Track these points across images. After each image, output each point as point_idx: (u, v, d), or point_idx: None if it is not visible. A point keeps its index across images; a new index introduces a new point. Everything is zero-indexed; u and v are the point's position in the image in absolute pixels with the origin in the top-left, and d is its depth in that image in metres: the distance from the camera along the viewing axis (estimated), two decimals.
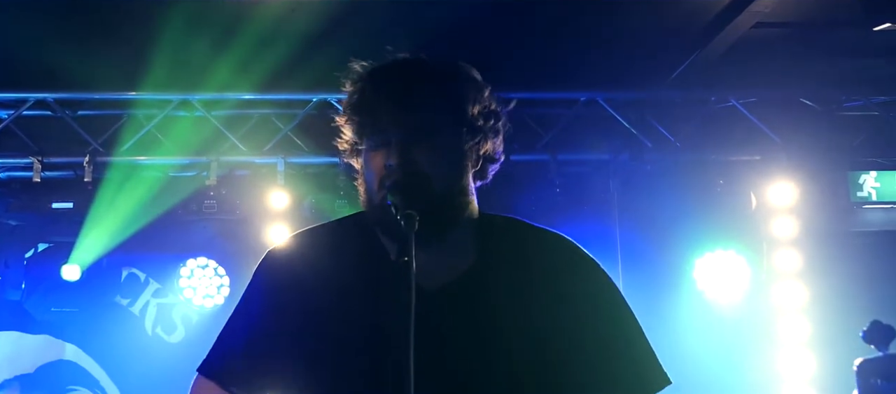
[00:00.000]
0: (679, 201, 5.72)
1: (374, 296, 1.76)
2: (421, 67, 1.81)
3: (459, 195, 1.78)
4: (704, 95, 5.93)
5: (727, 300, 5.91)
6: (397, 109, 1.73)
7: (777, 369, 5.90)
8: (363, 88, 1.78)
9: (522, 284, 1.81)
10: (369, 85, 1.77)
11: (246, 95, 5.66)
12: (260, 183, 5.78)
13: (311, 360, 1.80)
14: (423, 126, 1.73)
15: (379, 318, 1.73)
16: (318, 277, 1.83)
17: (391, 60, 1.82)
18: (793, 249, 5.92)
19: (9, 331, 6.01)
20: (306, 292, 1.83)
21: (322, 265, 1.84)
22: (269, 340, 1.84)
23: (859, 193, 5.94)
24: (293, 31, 4.98)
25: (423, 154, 1.73)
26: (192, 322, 6.10)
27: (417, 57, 1.82)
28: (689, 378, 5.47)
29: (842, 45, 5.56)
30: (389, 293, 1.65)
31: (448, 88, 1.80)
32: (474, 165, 1.82)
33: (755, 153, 5.95)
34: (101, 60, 5.23)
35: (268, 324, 1.85)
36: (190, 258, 5.80)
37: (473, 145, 1.80)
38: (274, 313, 1.85)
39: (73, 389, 6.05)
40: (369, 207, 1.78)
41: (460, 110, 1.79)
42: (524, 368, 1.77)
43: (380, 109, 1.73)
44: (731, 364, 5.89)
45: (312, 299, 1.82)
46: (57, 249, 5.62)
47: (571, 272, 1.85)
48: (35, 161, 5.64)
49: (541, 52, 5.46)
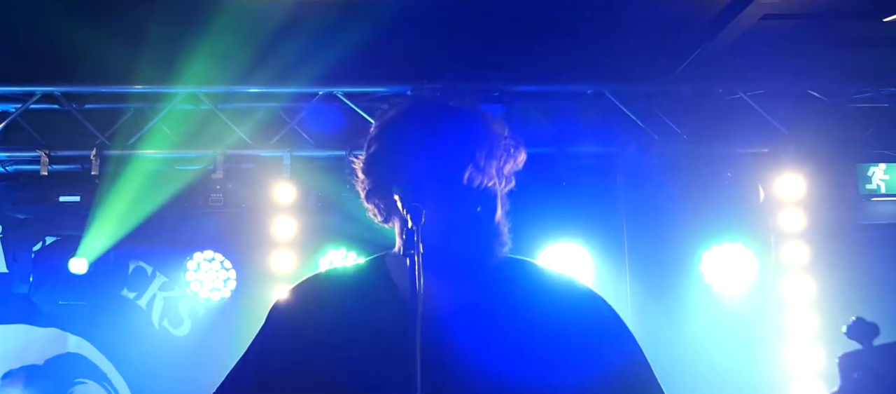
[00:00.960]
0: (686, 194, 5.70)
1: (383, 327, 1.77)
2: (462, 108, 1.87)
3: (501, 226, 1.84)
4: (712, 88, 5.91)
5: (734, 293, 5.88)
6: (449, 139, 1.80)
7: (785, 362, 5.88)
8: (406, 124, 1.85)
9: (531, 313, 1.81)
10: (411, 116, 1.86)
11: (252, 89, 5.66)
12: (266, 176, 5.78)
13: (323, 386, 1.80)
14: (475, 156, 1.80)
15: (385, 346, 1.74)
16: (329, 318, 1.85)
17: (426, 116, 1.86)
18: (801, 241, 5.89)
19: (17, 324, 6.03)
20: (317, 332, 1.84)
21: (334, 304, 1.87)
22: (277, 374, 1.86)
23: (868, 186, 5.90)
24: (300, 24, 4.97)
25: None
26: (199, 316, 6.11)
27: None
28: (697, 371, 5.46)
29: (851, 37, 5.53)
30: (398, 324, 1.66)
31: (487, 126, 1.86)
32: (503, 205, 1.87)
33: (763, 146, 5.92)
34: (108, 54, 5.23)
35: (277, 359, 1.86)
36: (196, 252, 5.80)
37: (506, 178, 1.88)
38: (283, 349, 1.87)
39: (81, 381, 6.07)
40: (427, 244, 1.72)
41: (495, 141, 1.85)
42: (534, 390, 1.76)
43: (431, 143, 1.81)
44: (739, 357, 5.87)
45: (323, 338, 1.83)
46: (64, 243, 5.63)
47: (581, 306, 1.85)
48: (42, 154, 5.66)
49: (547, 44, 5.44)
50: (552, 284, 1.90)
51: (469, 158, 1.78)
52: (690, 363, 5.42)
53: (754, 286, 5.88)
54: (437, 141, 1.80)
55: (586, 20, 5.17)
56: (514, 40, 5.42)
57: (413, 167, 1.80)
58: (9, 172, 5.93)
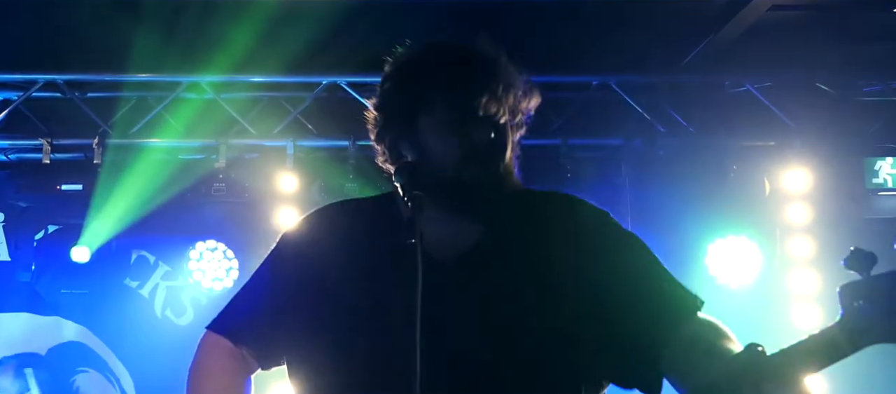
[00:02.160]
0: (692, 187, 5.67)
1: (388, 268, 1.76)
2: (487, 49, 1.90)
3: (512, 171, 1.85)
4: (719, 80, 5.87)
5: (739, 287, 5.86)
6: (478, 70, 1.82)
7: None
8: (431, 53, 1.88)
9: (537, 243, 1.83)
10: (437, 49, 1.89)
11: (256, 78, 5.64)
12: (269, 166, 5.77)
13: (320, 326, 1.81)
14: (504, 91, 1.83)
15: (391, 289, 1.72)
16: (334, 248, 1.86)
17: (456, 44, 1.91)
18: (806, 235, 5.86)
19: (20, 312, 6.03)
20: (321, 262, 1.85)
21: (339, 238, 1.87)
22: (281, 303, 1.86)
23: (875, 180, 5.87)
24: (304, 13, 4.94)
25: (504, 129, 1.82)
26: (202, 305, 6.10)
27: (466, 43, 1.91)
28: None
29: (860, 29, 5.48)
30: (403, 265, 1.64)
31: (510, 71, 1.89)
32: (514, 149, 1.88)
33: (769, 139, 5.89)
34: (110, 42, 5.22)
35: (281, 290, 1.88)
36: (199, 241, 5.79)
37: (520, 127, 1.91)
38: (288, 281, 1.88)
39: (83, 370, 6.07)
40: (440, 183, 1.78)
41: (515, 91, 1.89)
42: (546, 327, 1.76)
43: (459, 71, 1.82)
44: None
45: (327, 269, 1.84)
46: (66, 231, 5.62)
47: (584, 224, 1.86)
48: (44, 143, 5.65)
49: (552, 35, 5.41)
50: (551, 205, 1.93)
51: (485, 87, 1.79)
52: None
53: (759, 280, 5.85)
54: (453, 72, 1.82)
55: (592, 11, 5.13)
56: (519, 31, 5.39)
57: (428, 97, 1.80)
58: (11, 161, 5.93)
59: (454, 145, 1.77)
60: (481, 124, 1.78)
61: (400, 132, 1.84)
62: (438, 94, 1.80)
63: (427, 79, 1.83)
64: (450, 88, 1.80)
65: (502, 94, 1.81)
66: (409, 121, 1.82)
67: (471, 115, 1.77)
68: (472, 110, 1.77)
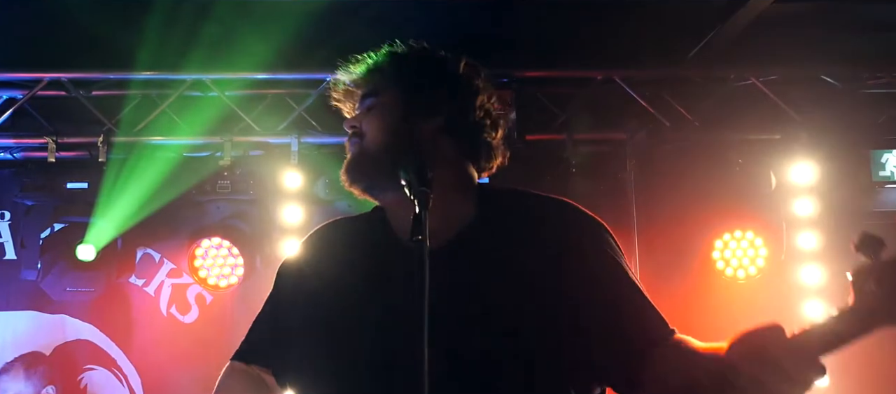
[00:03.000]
0: (697, 181, 5.65)
1: (380, 273, 1.84)
2: (371, 59, 2.03)
3: (400, 148, 1.85)
4: (724, 73, 5.85)
5: (745, 281, 5.84)
6: (349, 88, 2.02)
7: None
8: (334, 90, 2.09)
9: (520, 240, 1.87)
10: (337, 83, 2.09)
11: (260, 75, 5.64)
12: (274, 163, 5.77)
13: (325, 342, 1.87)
14: (368, 93, 1.97)
15: (387, 294, 1.78)
16: (331, 264, 1.95)
17: None
18: (813, 229, 5.84)
19: (26, 311, 6.05)
20: (319, 278, 1.94)
21: (336, 255, 1.96)
22: (283, 323, 1.97)
23: (881, 173, 5.84)
24: (308, 8, 4.94)
25: (366, 119, 1.94)
26: (207, 302, 6.11)
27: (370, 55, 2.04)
28: None
29: (865, 21, 5.46)
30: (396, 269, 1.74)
31: (392, 64, 1.99)
32: (434, 133, 1.91)
33: (775, 132, 5.86)
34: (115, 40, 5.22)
35: (282, 311, 2.00)
36: (204, 239, 5.79)
37: (420, 110, 1.91)
38: (287, 301, 1.99)
39: (90, 368, 6.08)
40: None
41: (403, 78, 1.96)
42: (522, 322, 1.78)
43: (342, 97, 2.06)
44: None
45: (323, 284, 1.92)
46: (72, 230, 5.62)
47: (570, 229, 1.87)
48: (49, 141, 5.65)
49: (556, 29, 5.40)
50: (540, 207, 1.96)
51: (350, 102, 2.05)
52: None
53: (765, 274, 5.83)
54: None
55: (596, 5, 5.12)
56: (524, 26, 5.38)
57: None
58: (16, 159, 5.93)
59: None
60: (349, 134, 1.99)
61: None
62: None
63: None
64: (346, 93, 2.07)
65: (363, 103, 1.98)
66: None
67: None
68: None
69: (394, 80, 1.95)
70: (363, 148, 1.90)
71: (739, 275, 5.83)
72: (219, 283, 5.81)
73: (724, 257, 5.84)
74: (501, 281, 1.79)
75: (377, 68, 1.98)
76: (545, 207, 1.94)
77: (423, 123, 1.90)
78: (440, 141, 1.90)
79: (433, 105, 1.92)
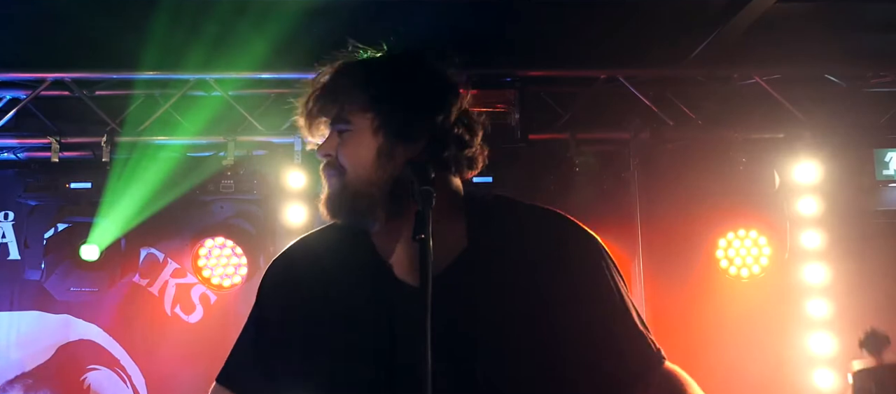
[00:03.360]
0: (701, 180, 5.65)
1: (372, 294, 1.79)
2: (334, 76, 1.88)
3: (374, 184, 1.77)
4: (727, 72, 5.84)
5: (749, 280, 5.84)
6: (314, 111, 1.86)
7: (799, 349, 5.84)
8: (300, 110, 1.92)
9: (514, 264, 1.81)
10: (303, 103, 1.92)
11: (263, 75, 5.64)
12: (277, 163, 5.77)
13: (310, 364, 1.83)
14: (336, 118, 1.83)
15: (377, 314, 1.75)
16: (318, 280, 1.87)
17: None
18: (816, 228, 5.84)
19: (30, 311, 6.05)
20: (307, 297, 1.86)
21: (320, 268, 1.88)
22: (268, 343, 1.90)
23: (885, 172, 5.83)
24: (311, 9, 4.94)
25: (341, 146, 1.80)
26: (211, 302, 6.11)
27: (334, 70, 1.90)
28: (711, 358, 5.43)
29: (868, 20, 5.45)
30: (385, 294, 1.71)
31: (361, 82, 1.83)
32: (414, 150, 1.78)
33: (779, 131, 5.86)
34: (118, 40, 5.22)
35: (266, 329, 1.91)
36: (208, 238, 5.79)
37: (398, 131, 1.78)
38: (276, 318, 1.90)
39: (94, 368, 6.09)
40: None
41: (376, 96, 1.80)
42: (520, 349, 1.75)
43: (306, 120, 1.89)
44: (753, 344, 5.83)
45: (313, 302, 1.85)
46: (76, 230, 5.63)
47: (563, 246, 1.83)
48: (53, 141, 5.66)
49: (560, 29, 5.39)
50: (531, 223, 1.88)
51: None
52: (705, 350, 5.39)
53: (769, 272, 5.83)
54: None
55: (600, 5, 5.11)
56: (527, 25, 5.37)
57: None
58: (20, 159, 5.94)
59: None
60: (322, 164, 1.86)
61: None
62: None
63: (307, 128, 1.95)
64: None
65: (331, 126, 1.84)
66: None
67: None
68: None
69: (365, 102, 1.79)
70: (344, 184, 1.77)
71: (743, 274, 5.83)
72: (222, 282, 5.82)
73: (728, 256, 5.84)
74: (497, 307, 1.75)
75: (344, 88, 1.82)
76: (538, 222, 1.86)
77: (404, 149, 1.76)
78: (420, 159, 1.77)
79: (412, 126, 1.77)
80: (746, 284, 5.82)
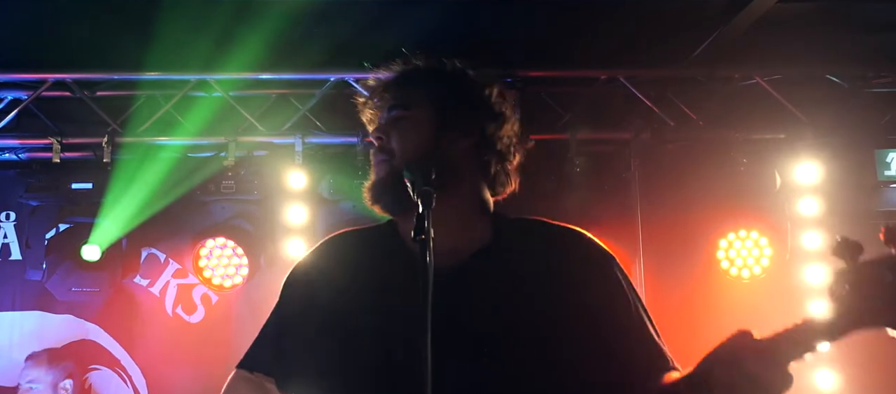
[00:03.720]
0: (702, 180, 5.65)
1: (392, 284, 1.85)
2: (403, 69, 2.03)
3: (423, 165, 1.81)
4: (728, 73, 5.84)
5: (750, 281, 5.83)
6: (378, 97, 1.99)
7: None
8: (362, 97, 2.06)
9: (534, 266, 1.89)
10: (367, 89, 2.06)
11: (264, 75, 5.65)
12: (278, 163, 5.77)
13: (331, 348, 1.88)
14: (397, 105, 1.94)
15: (395, 302, 1.81)
16: (339, 273, 1.95)
17: None
18: (818, 229, 5.83)
19: (32, 311, 6.06)
20: (327, 288, 1.94)
21: (345, 263, 1.97)
22: (289, 330, 1.97)
23: (887, 172, 5.83)
24: (311, 9, 4.94)
25: (394, 132, 1.92)
26: (212, 302, 6.12)
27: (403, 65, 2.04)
28: None
29: (870, 20, 5.44)
30: (406, 279, 1.72)
31: (425, 79, 1.98)
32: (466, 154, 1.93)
33: (780, 131, 5.85)
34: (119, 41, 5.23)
35: (289, 318, 1.99)
36: (209, 239, 5.80)
37: (452, 127, 1.92)
38: (295, 309, 1.98)
39: (95, 368, 6.09)
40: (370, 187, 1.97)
41: (437, 96, 1.95)
42: (530, 346, 1.80)
43: (368, 105, 2.03)
44: None
45: (332, 293, 1.92)
46: (77, 230, 5.63)
47: (583, 259, 1.89)
48: (54, 142, 5.66)
49: (561, 29, 5.39)
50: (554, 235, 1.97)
51: (371, 109, 2.04)
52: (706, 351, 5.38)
53: (770, 273, 5.83)
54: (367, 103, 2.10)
55: (600, 5, 5.11)
56: (528, 25, 5.37)
57: None
58: (21, 160, 5.95)
59: None
60: (374, 146, 1.98)
61: None
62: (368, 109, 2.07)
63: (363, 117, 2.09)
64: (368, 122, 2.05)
65: (392, 113, 1.96)
66: None
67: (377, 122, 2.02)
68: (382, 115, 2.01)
69: (427, 95, 1.94)
70: (393, 168, 1.87)
71: (744, 275, 5.82)
72: (223, 283, 5.82)
73: (729, 257, 5.84)
74: (512, 304, 1.81)
75: (410, 79, 1.97)
76: (559, 236, 1.95)
77: (452, 140, 1.90)
78: (466, 161, 1.92)
79: (465, 125, 1.92)
80: (747, 284, 5.82)
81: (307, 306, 1.95)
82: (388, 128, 1.92)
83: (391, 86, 1.99)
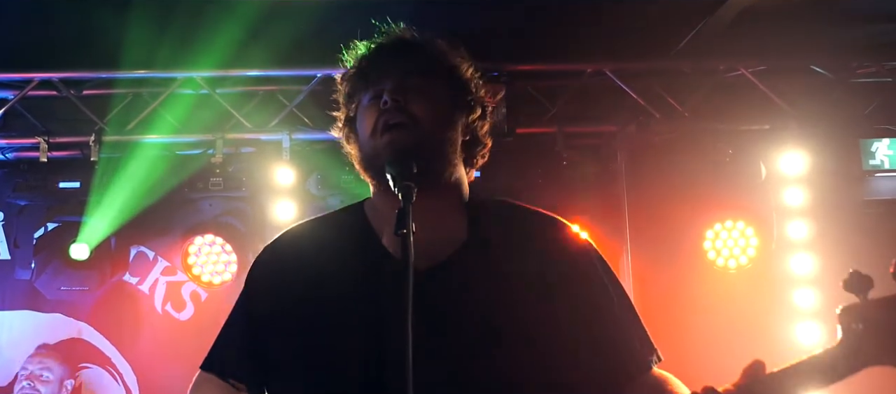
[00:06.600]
0: (688, 172, 5.68)
1: (366, 278, 1.80)
2: (417, 37, 1.95)
3: (447, 146, 1.83)
4: (713, 65, 5.87)
5: (737, 271, 5.87)
6: (393, 58, 1.88)
7: (786, 338, 5.88)
8: (362, 55, 1.94)
9: (513, 262, 1.86)
10: (368, 50, 1.94)
11: (251, 72, 5.64)
12: (266, 159, 5.77)
13: (305, 346, 1.82)
14: (417, 70, 1.86)
15: (372, 297, 1.76)
16: (310, 265, 1.87)
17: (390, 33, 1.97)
18: (803, 218, 5.87)
19: (20, 310, 6.04)
20: (299, 281, 1.86)
21: (314, 254, 1.89)
22: (257, 330, 1.88)
23: (871, 162, 5.87)
24: (297, 5, 4.94)
25: (415, 98, 1.82)
26: (201, 299, 6.12)
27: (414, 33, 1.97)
28: (699, 349, 5.46)
29: (853, 11, 5.48)
30: (381, 273, 1.72)
31: (442, 52, 1.93)
32: (463, 134, 1.90)
33: (765, 122, 5.89)
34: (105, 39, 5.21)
35: (256, 316, 1.90)
36: (197, 236, 5.79)
37: (463, 109, 1.89)
38: (267, 305, 1.89)
39: (86, 366, 6.09)
40: (365, 160, 1.87)
41: (453, 71, 1.91)
42: (516, 344, 1.78)
43: (376, 63, 1.89)
44: (741, 335, 5.87)
45: (306, 287, 1.85)
46: (65, 229, 5.62)
47: (562, 252, 1.87)
48: (41, 141, 5.65)
49: (547, 23, 5.40)
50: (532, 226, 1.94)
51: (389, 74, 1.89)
52: (693, 342, 5.42)
53: (756, 263, 5.86)
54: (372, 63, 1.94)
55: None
56: (514, 19, 5.38)
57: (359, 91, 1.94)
58: (8, 159, 5.93)
59: (366, 125, 1.86)
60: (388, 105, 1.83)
61: (350, 128, 1.94)
62: (363, 86, 1.90)
63: (358, 75, 1.93)
64: (368, 80, 1.89)
65: (411, 78, 1.86)
66: (351, 120, 1.94)
67: (378, 97, 1.85)
68: (379, 94, 1.84)
69: (444, 70, 1.90)
70: (423, 132, 1.79)
71: (730, 265, 5.86)
72: (212, 280, 5.82)
73: (715, 247, 5.87)
74: (493, 300, 1.78)
75: (429, 50, 1.92)
76: (536, 224, 1.92)
77: (459, 123, 1.88)
78: (460, 144, 1.90)
79: (469, 110, 1.91)
80: (734, 274, 5.85)
81: (279, 303, 1.86)
82: (403, 91, 1.82)
83: (412, 49, 1.92)
